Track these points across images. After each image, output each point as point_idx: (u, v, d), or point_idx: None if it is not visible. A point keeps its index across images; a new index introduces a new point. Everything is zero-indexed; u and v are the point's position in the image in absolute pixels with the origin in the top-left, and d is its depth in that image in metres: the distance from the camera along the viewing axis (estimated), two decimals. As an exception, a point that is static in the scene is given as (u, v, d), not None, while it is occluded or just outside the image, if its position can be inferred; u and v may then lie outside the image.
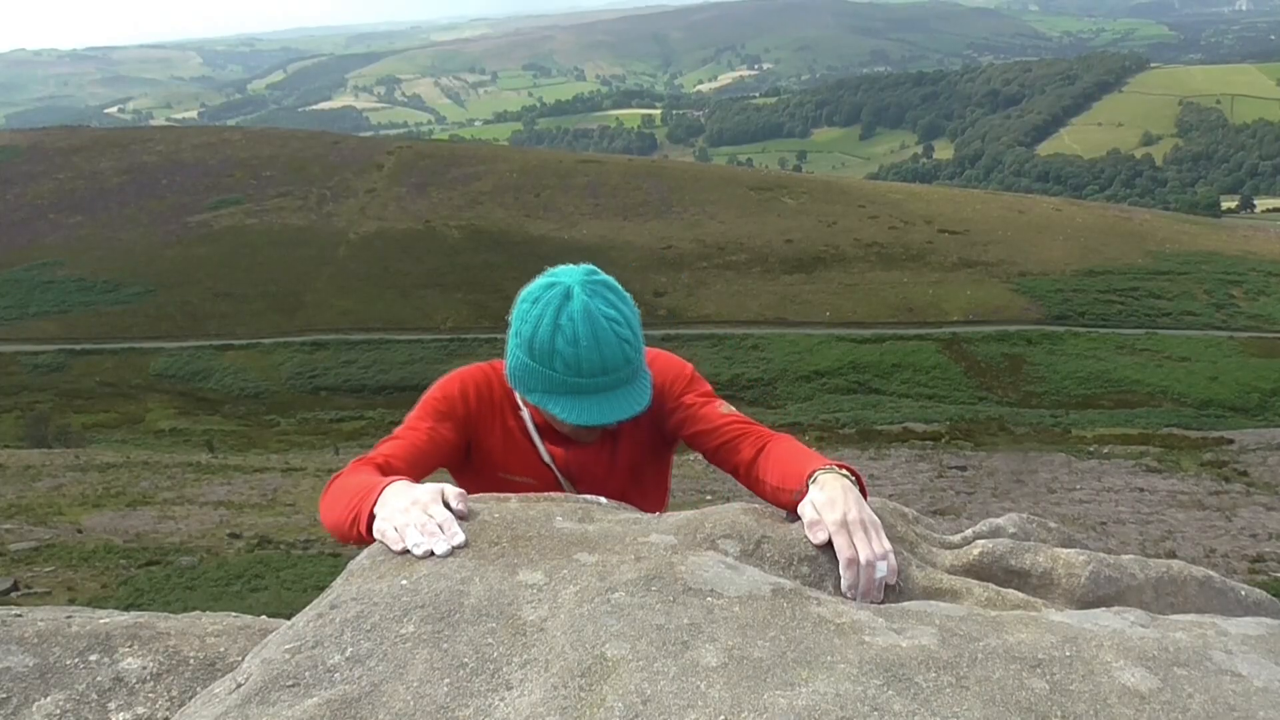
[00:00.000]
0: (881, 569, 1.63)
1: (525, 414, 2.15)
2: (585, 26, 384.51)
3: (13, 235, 61.19)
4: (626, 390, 1.95)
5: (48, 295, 52.46)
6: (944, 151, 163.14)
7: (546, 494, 1.95)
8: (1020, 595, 1.69)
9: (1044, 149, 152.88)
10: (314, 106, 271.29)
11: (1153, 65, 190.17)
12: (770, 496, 1.91)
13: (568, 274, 1.96)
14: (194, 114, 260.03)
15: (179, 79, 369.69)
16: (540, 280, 1.97)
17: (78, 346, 46.17)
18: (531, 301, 1.94)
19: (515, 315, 1.99)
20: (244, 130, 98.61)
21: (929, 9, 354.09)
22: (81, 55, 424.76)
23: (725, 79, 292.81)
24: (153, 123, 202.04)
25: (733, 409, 2.13)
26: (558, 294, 1.91)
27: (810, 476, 1.77)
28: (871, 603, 1.61)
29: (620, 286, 1.99)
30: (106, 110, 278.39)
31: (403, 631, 1.41)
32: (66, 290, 52.98)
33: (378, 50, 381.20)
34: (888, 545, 1.67)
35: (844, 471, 1.77)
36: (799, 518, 1.77)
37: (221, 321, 48.54)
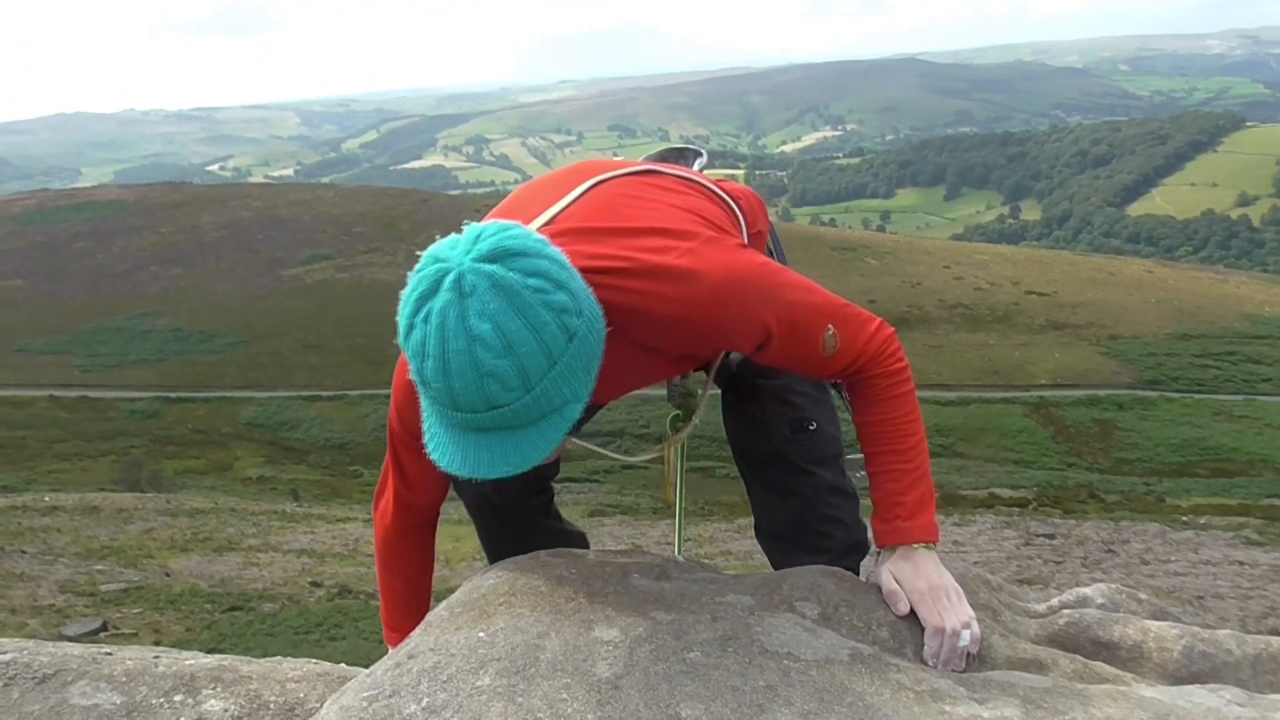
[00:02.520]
0: (965, 637, 1.60)
1: None
2: (668, 89, 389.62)
3: (116, 285, 63.74)
4: (501, 439, 1.39)
5: (146, 344, 54.35)
6: (1031, 212, 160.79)
7: (624, 550, 1.94)
8: (1109, 669, 1.64)
9: (1135, 209, 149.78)
10: (405, 165, 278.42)
11: (1248, 124, 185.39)
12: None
13: (464, 243, 1.37)
14: (290, 171, 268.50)
15: (277, 138, 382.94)
16: (442, 242, 1.40)
17: (172, 394, 47.61)
18: (412, 275, 1.39)
19: None
20: (337, 188, 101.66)
21: (1015, 69, 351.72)
22: (187, 115, 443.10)
23: (808, 139, 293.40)
24: (251, 180, 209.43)
25: (837, 339, 1.69)
26: (429, 277, 1.34)
27: (889, 545, 1.74)
28: (952, 671, 1.57)
29: (541, 278, 1.35)
30: (208, 167, 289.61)
31: (478, 684, 1.42)
32: (164, 339, 54.85)
33: (467, 111, 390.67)
34: (971, 613, 1.64)
35: (926, 544, 1.73)
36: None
37: (310, 373, 49.66)
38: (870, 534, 2.14)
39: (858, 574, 1.96)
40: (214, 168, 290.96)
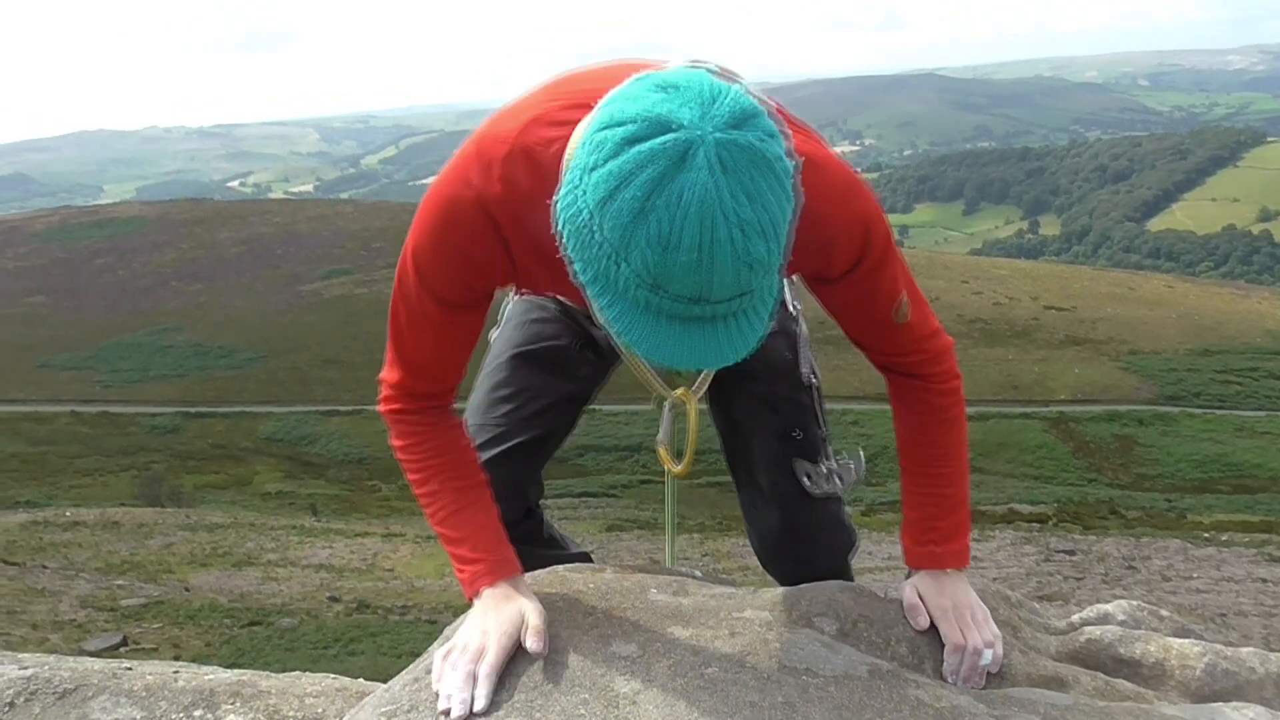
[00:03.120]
0: (987, 656, 1.59)
1: None
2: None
3: (137, 301, 64.25)
4: (728, 326, 1.16)
5: (166, 359, 54.73)
6: (1050, 227, 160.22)
7: (642, 565, 1.94)
8: (1131, 686, 1.63)
9: (1155, 225, 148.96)
10: (424, 180, 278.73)
11: (1270, 139, 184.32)
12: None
13: (698, 102, 1.10)
14: (310, 187, 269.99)
15: (297, 154, 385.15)
16: (653, 100, 1.11)
17: (192, 409, 47.90)
18: (621, 141, 1.10)
19: (587, 134, 1.15)
20: (356, 203, 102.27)
21: (1034, 85, 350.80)
22: (208, 132, 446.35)
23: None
24: (271, 196, 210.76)
25: (908, 310, 1.59)
26: (670, 150, 1.07)
27: (918, 568, 1.73)
28: (972, 688, 1.56)
29: (776, 141, 1.13)
30: (229, 184, 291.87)
31: (496, 699, 1.42)
32: (184, 355, 55.22)
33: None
34: (997, 632, 1.63)
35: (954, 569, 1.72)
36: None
37: (329, 388, 49.83)
38: (857, 534, 2.13)
39: (850, 579, 1.96)
40: (234, 184, 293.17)
